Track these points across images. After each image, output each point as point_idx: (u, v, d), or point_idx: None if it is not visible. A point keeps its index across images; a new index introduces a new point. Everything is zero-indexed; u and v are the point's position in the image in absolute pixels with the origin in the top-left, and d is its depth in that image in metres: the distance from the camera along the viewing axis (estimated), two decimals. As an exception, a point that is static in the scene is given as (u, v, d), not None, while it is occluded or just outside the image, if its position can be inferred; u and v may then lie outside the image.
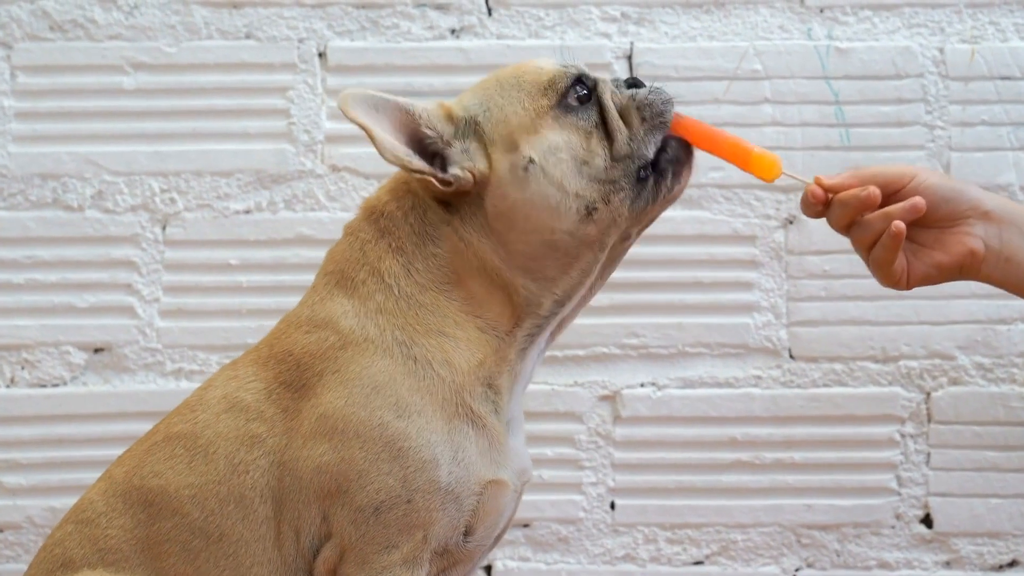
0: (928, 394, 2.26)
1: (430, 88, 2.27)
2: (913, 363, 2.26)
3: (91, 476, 2.18)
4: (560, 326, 1.56)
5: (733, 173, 2.24)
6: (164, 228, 2.28)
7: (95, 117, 2.29)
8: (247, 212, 2.29)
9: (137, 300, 2.27)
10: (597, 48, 2.30)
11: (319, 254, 2.22)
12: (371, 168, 2.27)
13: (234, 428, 1.46)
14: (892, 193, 1.53)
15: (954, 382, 2.26)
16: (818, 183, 1.54)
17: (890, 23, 2.30)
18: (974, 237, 1.52)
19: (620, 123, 1.48)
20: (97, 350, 2.28)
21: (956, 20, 2.29)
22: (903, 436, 2.26)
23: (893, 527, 2.25)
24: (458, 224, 1.48)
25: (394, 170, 2.25)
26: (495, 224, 1.47)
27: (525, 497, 1.63)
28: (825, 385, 2.27)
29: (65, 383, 2.27)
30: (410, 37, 2.31)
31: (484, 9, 2.31)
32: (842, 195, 1.51)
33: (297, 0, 2.30)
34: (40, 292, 2.27)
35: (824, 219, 1.57)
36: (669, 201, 1.52)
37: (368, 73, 2.30)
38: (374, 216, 1.53)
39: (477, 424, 1.46)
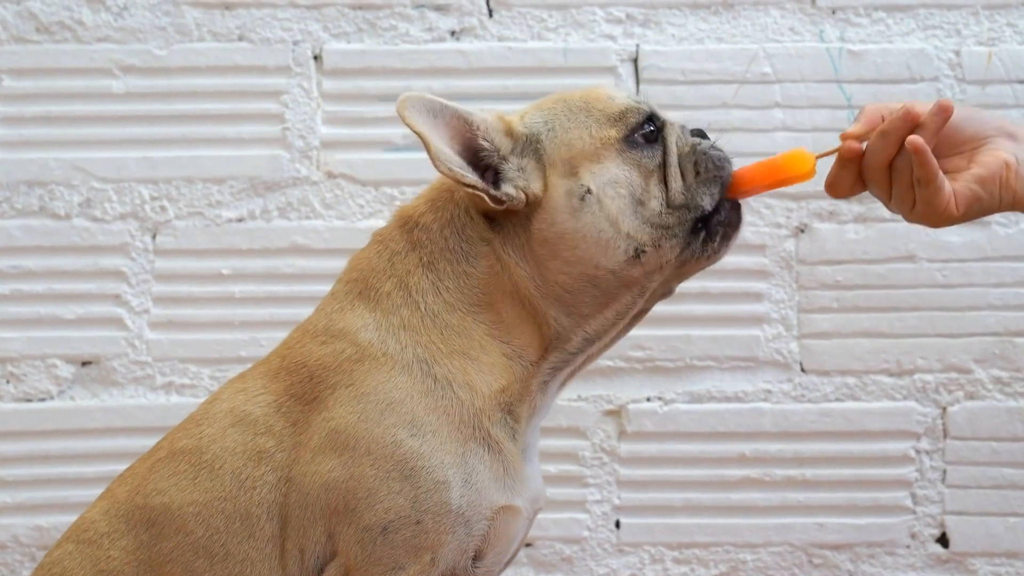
0: (944, 409, 2.26)
1: (429, 92, 2.25)
2: (928, 377, 2.26)
3: (79, 493, 2.20)
4: (584, 363, 1.57)
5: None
6: (154, 237, 2.28)
7: (83, 122, 2.30)
8: (240, 220, 2.29)
9: (126, 311, 2.27)
10: (601, 51, 2.30)
11: (314, 264, 2.26)
12: (368, 175, 2.28)
13: (241, 443, 1.46)
14: (909, 131, 1.53)
15: (971, 396, 2.26)
16: (849, 136, 1.54)
17: (904, 25, 2.30)
18: (1004, 151, 1.54)
19: (678, 171, 1.50)
20: (85, 363, 2.27)
21: (973, 22, 2.30)
22: (918, 452, 2.26)
23: (908, 547, 2.25)
24: (498, 243, 1.49)
25: (395, 178, 2.27)
26: (538, 249, 1.47)
27: (527, 515, 1.63)
28: (837, 399, 2.27)
29: (52, 397, 2.26)
30: (408, 39, 2.31)
31: (485, 10, 2.31)
32: (882, 127, 1.51)
33: (291, 1, 2.30)
34: (26, 303, 2.27)
35: (842, 199, 1.61)
36: (712, 261, 1.54)
37: (365, 76, 2.30)
38: (408, 226, 1.53)
39: (493, 449, 1.46)
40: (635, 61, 2.30)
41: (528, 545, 2.25)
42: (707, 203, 1.50)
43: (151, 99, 2.30)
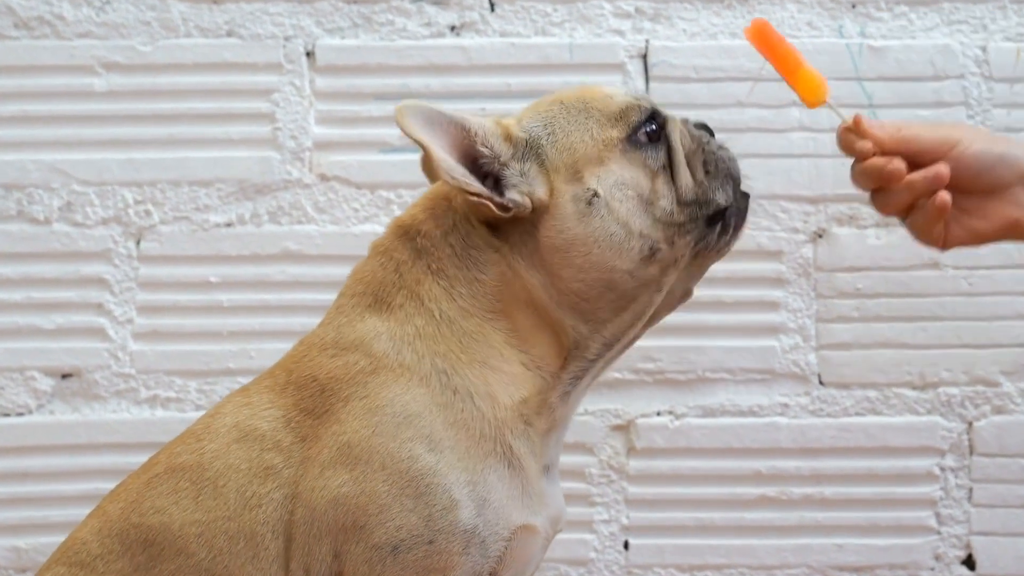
0: (970, 424, 2.24)
1: (428, 90, 2.26)
2: (954, 390, 2.25)
3: (59, 513, 2.19)
4: (603, 369, 1.58)
5: (757, 182, 2.22)
6: (138, 243, 2.27)
7: (63, 122, 2.28)
8: (228, 225, 2.27)
9: (109, 321, 2.26)
10: (609, 47, 2.28)
11: (306, 271, 2.24)
12: (363, 177, 2.26)
13: (247, 459, 1.46)
14: (933, 161, 1.57)
15: (998, 411, 2.24)
16: (856, 124, 1.58)
17: (928, 19, 2.29)
18: (1018, 206, 1.57)
19: (686, 169, 1.53)
20: (65, 376, 2.26)
21: (1000, 16, 2.28)
22: (943, 470, 2.24)
23: (932, 569, 2.24)
24: (507, 252, 1.50)
25: (392, 180, 2.26)
26: (549, 258, 1.48)
27: (530, 536, 1.62)
28: (858, 414, 2.25)
29: (30, 411, 2.25)
30: (406, 35, 2.29)
31: (486, 4, 2.30)
32: (866, 164, 1.56)
33: (283, -6, 2.30)
34: (3, 313, 2.25)
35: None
36: (725, 252, 1.57)
37: (360, 74, 2.29)
38: (409, 235, 1.55)
39: (514, 465, 1.46)
40: (644, 57, 2.29)
41: (532, 568, 2.24)
42: (722, 199, 1.53)
43: (135, 98, 2.28)
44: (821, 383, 2.26)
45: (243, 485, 1.45)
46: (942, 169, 1.53)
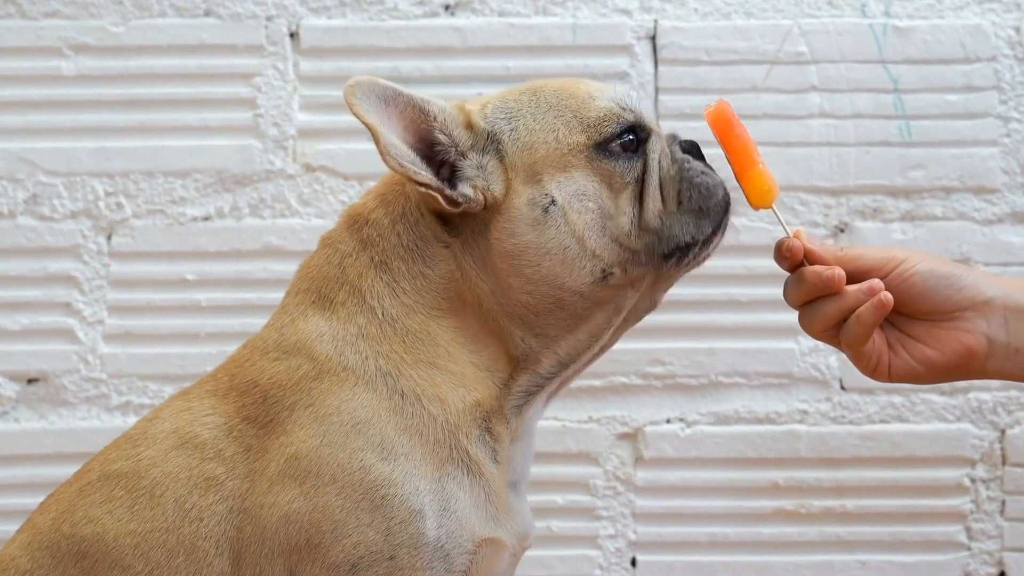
0: (1003, 432, 2.23)
1: (420, 74, 2.25)
2: (985, 395, 2.23)
3: (23, 528, 2.15)
4: (561, 386, 1.56)
5: (774, 173, 2.20)
6: (109, 237, 2.26)
7: (29, 108, 2.27)
8: (206, 219, 2.26)
9: (78, 322, 2.25)
10: (615, 27, 2.27)
11: (290, 268, 2.17)
12: (350, 168, 2.26)
13: (186, 468, 1.44)
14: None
15: (1033, 418, 2.22)
16: (797, 238, 1.52)
17: (958, -2, 2.28)
18: (972, 333, 1.52)
19: (657, 193, 1.49)
20: (31, 380, 2.25)
21: (1035, -6, 2.27)
22: (973, 481, 2.23)
23: (962, 587, 2.23)
24: (458, 249, 1.48)
25: (380, 171, 2.21)
26: (499, 263, 1.47)
27: (532, 552, 1.60)
28: (882, 421, 2.24)
29: (-7, 419, 2.23)
30: (397, 14, 2.28)
31: (483, -19, 2.31)
32: (805, 271, 1.51)
33: (265, -29, 2.29)
34: (-37, 313, 2.24)
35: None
36: (695, 266, 1.52)
37: (348, 56, 2.27)
38: (357, 224, 1.53)
39: (473, 471, 1.45)
40: (653, 39, 2.27)
41: (533, 586, 2.23)
42: (685, 236, 1.48)
43: (106, 82, 2.28)
44: (843, 388, 2.25)
45: (182, 496, 1.43)
46: (876, 282, 1.48)
